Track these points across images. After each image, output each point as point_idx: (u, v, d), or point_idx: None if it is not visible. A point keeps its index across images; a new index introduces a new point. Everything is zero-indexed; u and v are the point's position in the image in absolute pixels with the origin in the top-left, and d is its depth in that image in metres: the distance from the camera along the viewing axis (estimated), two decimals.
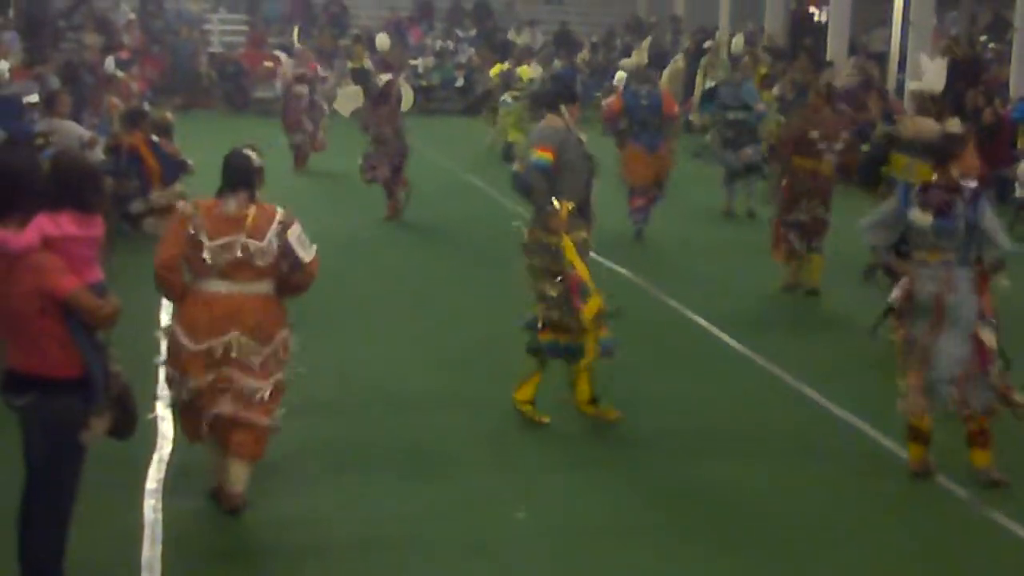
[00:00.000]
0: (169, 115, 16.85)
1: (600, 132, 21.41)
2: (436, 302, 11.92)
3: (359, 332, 10.69)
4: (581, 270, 8.20)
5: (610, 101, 16.05)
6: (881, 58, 27.31)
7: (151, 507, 6.99)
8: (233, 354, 6.68)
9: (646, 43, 19.16)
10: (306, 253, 6.74)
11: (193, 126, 22.22)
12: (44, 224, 5.51)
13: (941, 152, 7.70)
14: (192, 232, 6.64)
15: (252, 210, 6.73)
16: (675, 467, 7.91)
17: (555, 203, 8.21)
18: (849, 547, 6.86)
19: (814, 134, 12.18)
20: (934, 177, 7.68)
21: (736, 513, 7.25)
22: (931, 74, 13.16)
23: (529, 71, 23.12)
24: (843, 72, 24.23)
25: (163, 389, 8.80)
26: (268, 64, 28.25)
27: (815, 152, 12.19)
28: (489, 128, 22.85)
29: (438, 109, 29.17)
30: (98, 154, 14.05)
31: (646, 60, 18.05)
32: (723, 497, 7.47)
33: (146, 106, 17.54)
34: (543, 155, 8.29)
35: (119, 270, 8.51)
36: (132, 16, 30.77)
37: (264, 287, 6.77)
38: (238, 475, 6.83)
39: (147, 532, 6.71)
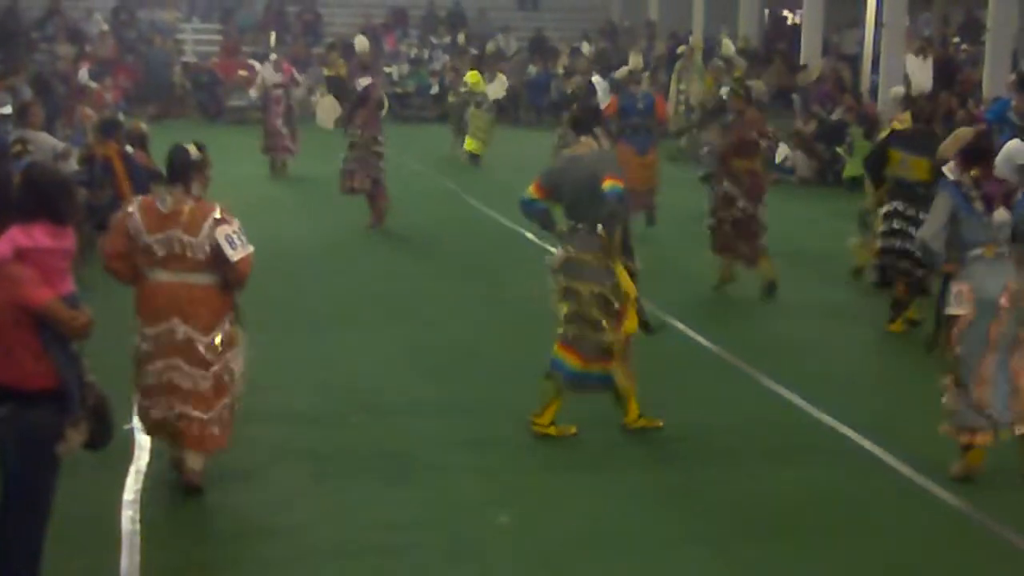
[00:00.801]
0: (143, 125, 16.78)
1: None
2: (415, 308, 11.90)
3: (338, 339, 10.66)
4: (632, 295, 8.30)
5: (608, 104, 16.22)
6: (854, 60, 27.42)
7: (128, 518, 6.94)
8: (175, 341, 7.00)
9: (640, 48, 19.44)
10: (234, 253, 6.92)
11: (167, 135, 22.07)
12: (17, 236, 5.47)
13: (983, 152, 7.93)
14: (131, 228, 6.97)
15: (188, 205, 6.97)
16: (658, 471, 7.91)
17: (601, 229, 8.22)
18: (837, 550, 6.84)
19: (752, 135, 12.29)
20: (973, 174, 7.82)
21: (720, 517, 7.24)
22: (919, 75, 13.22)
23: (477, 77, 23.21)
24: (813, 73, 24.36)
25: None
26: (242, 73, 28.27)
27: (753, 153, 12.33)
28: (453, 137, 22.89)
29: (413, 116, 29.18)
30: (72, 165, 13.99)
31: (641, 64, 18.29)
32: (707, 500, 7.46)
33: (120, 116, 17.46)
34: (619, 184, 8.26)
35: (93, 281, 8.45)
36: (105, 26, 30.69)
37: (205, 279, 7.01)
38: (193, 462, 7.20)
39: (125, 543, 6.66)
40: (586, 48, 31.18)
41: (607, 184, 8.16)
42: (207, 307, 7.06)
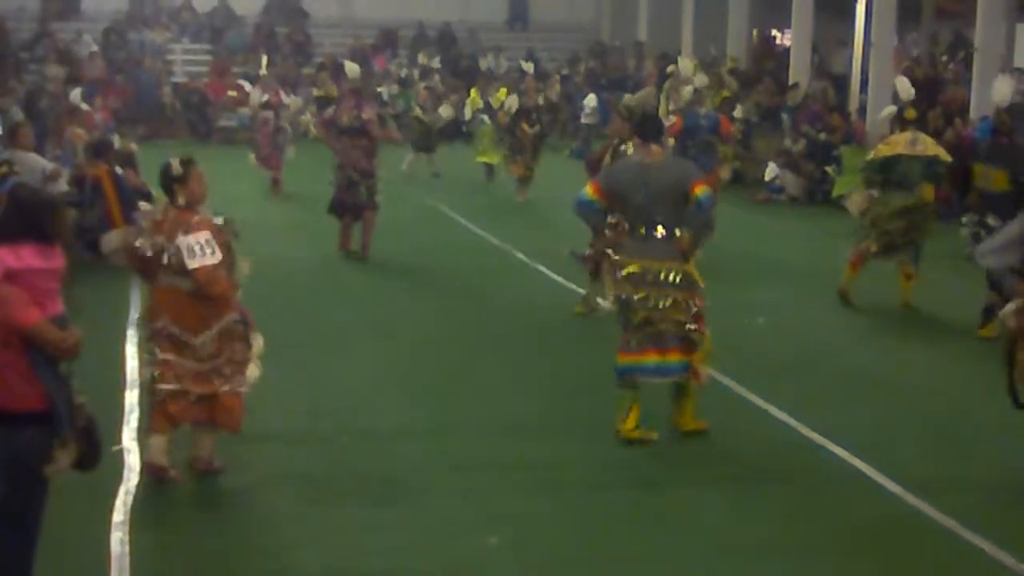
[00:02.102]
0: (133, 146, 16.81)
1: (566, 157, 21.66)
2: (405, 329, 11.89)
3: (328, 360, 10.65)
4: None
5: (671, 123, 16.22)
6: (842, 80, 27.51)
7: (118, 540, 6.92)
8: (170, 337, 7.53)
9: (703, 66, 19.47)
10: (192, 261, 7.32)
11: (157, 156, 22.10)
12: (6, 257, 5.46)
13: None
14: (139, 233, 7.60)
15: (171, 215, 7.49)
16: (647, 492, 7.89)
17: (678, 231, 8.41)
18: (827, 571, 6.84)
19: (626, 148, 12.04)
20: None
21: (709, 537, 7.23)
22: (904, 94, 13.46)
23: (476, 95, 23.48)
24: (798, 93, 24.43)
25: (128, 420, 8.82)
26: (232, 93, 28.32)
27: None
28: (408, 155, 22.94)
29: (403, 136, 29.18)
30: (62, 185, 14.01)
31: (707, 82, 18.33)
32: (696, 521, 7.45)
33: (111, 137, 17.47)
34: (708, 189, 8.47)
35: (82, 302, 8.44)
36: (95, 47, 30.71)
37: (183, 282, 7.44)
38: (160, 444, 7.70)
39: (114, 564, 6.64)
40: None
41: (699, 190, 8.32)
42: (193, 311, 7.49)
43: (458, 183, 22.20)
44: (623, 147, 11.41)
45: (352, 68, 16.88)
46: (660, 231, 8.43)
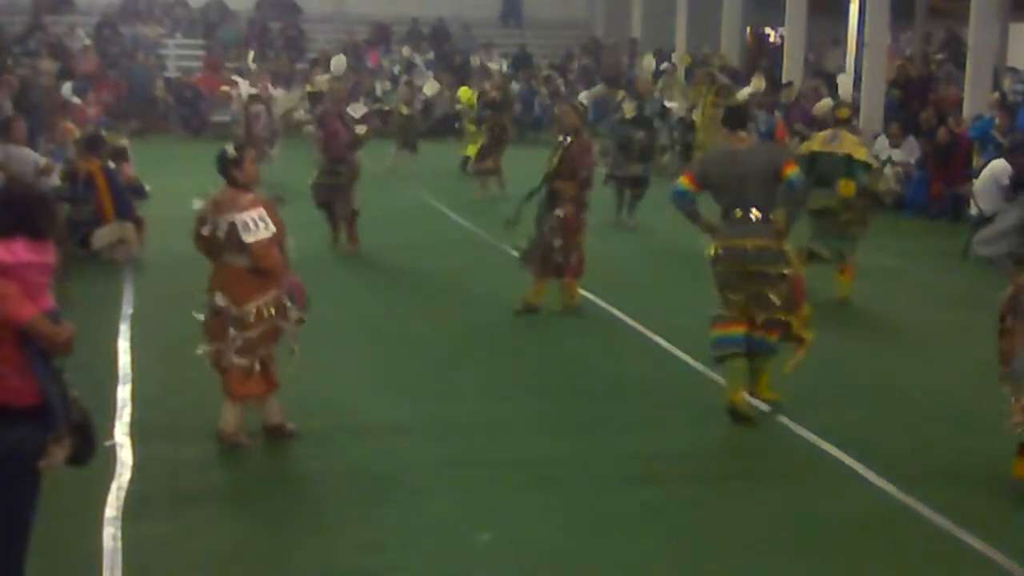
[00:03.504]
0: (125, 141, 16.80)
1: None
2: (396, 326, 11.88)
3: (319, 358, 10.59)
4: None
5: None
6: (835, 78, 27.53)
7: (110, 535, 6.91)
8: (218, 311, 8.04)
9: (762, 71, 19.60)
10: (248, 236, 7.79)
11: (149, 151, 22.18)
12: None
13: None
14: (200, 212, 8.14)
15: (227, 195, 7.99)
16: (639, 489, 7.88)
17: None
18: (816, 569, 6.84)
19: (584, 159, 11.84)
20: None
21: (700, 535, 7.23)
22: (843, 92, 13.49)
23: (468, 93, 23.56)
24: (792, 91, 24.48)
25: (121, 415, 8.81)
26: (225, 88, 28.31)
27: (575, 176, 11.82)
28: (394, 150, 22.91)
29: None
30: (54, 180, 13.99)
31: (763, 86, 18.34)
32: (687, 519, 7.45)
33: (103, 131, 17.44)
34: (797, 168, 8.92)
35: (75, 297, 8.43)
36: (88, 41, 30.66)
37: (240, 260, 7.93)
38: (271, 414, 8.41)
39: (106, 560, 6.63)
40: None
41: (789, 171, 8.74)
42: (241, 285, 7.96)
43: (449, 178, 22.18)
44: (567, 140, 11.76)
45: (338, 62, 16.80)
46: (755, 213, 8.79)
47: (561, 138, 12.01)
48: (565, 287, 12.23)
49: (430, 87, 24.02)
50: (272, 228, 7.91)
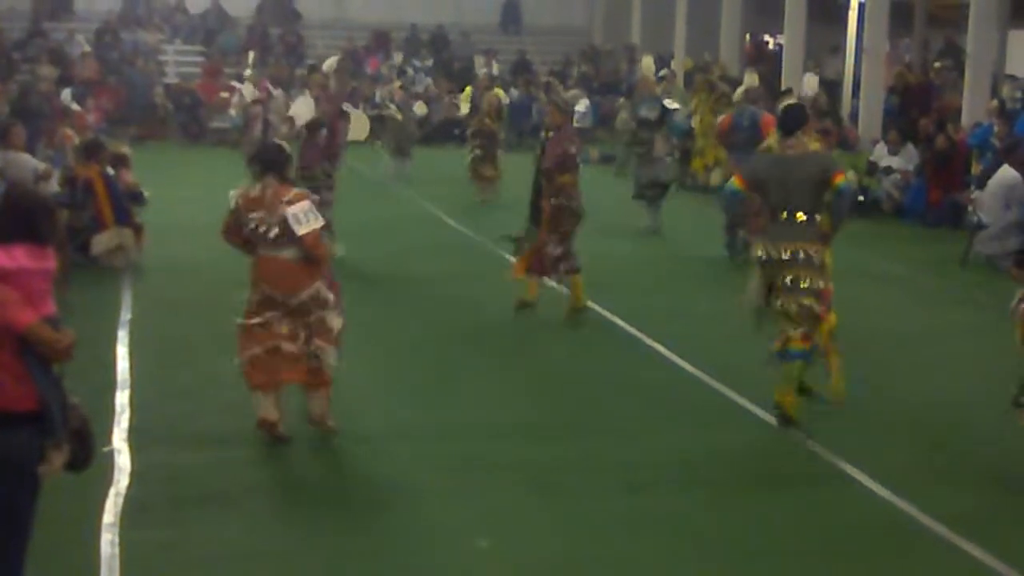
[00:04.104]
0: (126, 149, 16.79)
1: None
2: (394, 332, 11.88)
3: None
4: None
5: (722, 119, 16.58)
6: (834, 85, 27.58)
7: (108, 541, 6.90)
8: (272, 304, 8.24)
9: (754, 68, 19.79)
10: (300, 228, 8.03)
11: (149, 157, 22.16)
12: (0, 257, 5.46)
13: None
14: (237, 211, 8.26)
15: (272, 191, 8.15)
16: (639, 496, 7.87)
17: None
18: None
19: (572, 148, 12.03)
20: None
21: (701, 543, 7.22)
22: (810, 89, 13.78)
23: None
24: (791, 98, 24.49)
25: (119, 421, 8.81)
26: (224, 95, 28.35)
27: (574, 166, 12.08)
28: (388, 157, 22.88)
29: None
30: (53, 186, 14.00)
31: (757, 83, 18.48)
32: (688, 526, 7.44)
33: (102, 138, 17.45)
34: (845, 177, 9.14)
35: (74, 303, 8.44)
36: (87, 48, 30.67)
37: (287, 253, 8.15)
38: (315, 406, 8.56)
39: (104, 566, 6.63)
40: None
41: (839, 180, 8.96)
42: (291, 278, 8.18)
43: (447, 184, 22.17)
44: (546, 136, 12.13)
45: (329, 64, 16.62)
46: (800, 216, 8.95)
47: (544, 134, 12.38)
48: (572, 287, 12.29)
49: (420, 108, 23.79)
50: (321, 219, 8.23)
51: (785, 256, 8.93)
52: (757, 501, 7.81)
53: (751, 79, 18.43)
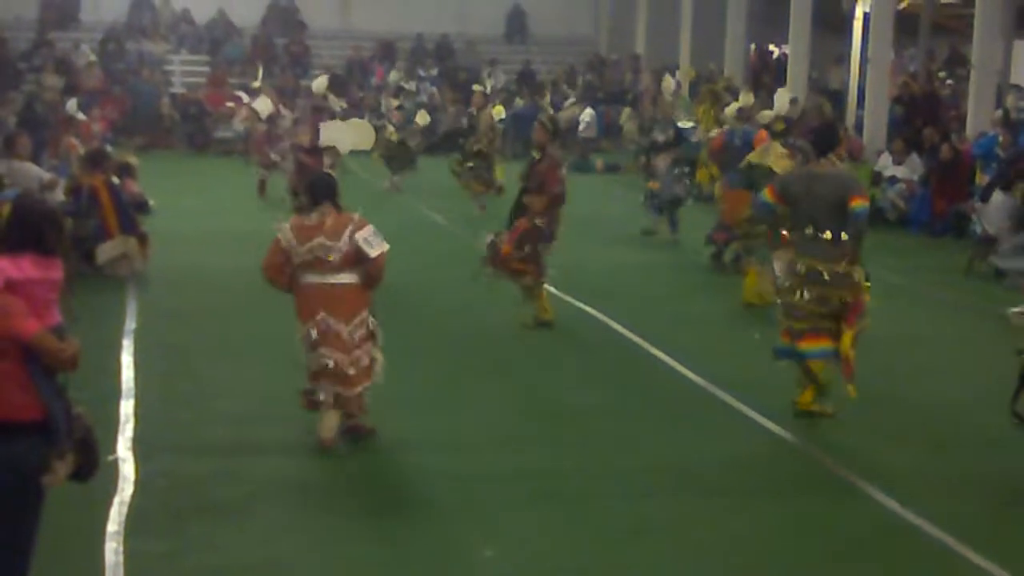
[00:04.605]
0: (133, 159, 16.82)
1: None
2: (398, 341, 11.79)
3: None
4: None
5: (715, 137, 16.72)
6: (839, 95, 27.57)
7: (112, 550, 6.91)
8: (322, 332, 8.43)
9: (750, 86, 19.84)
10: (372, 250, 8.35)
11: (154, 166, 22.19)
12: (6, 267, 5.46)
13: None
14: (284, 244, 8.44)
15: (331, 218, 8.41)
16: (642, 504, 7.88)
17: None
18: None
19: (557, 188, 11.93)
20: None
21: (704, 550, 7.22)
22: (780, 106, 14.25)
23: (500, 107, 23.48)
24: (796, 108, 24.50)
25: (124, 430, 8.81)
26: (230, 105, 28.38)
27: (561, 201, 12.03)
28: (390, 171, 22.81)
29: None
30: (58, 195, 14.02)
31: (752, 101, 18.54)
32: (691, 534, 7.44)
33: (107, 147, 17.48)
34: (866, 202, 9.38)
35: (79, 312, 8.44)
36: (92, 57, 30.72)
37: (345, 277, 8.39)
38: (330, 422, 8.62)
39: (108, 575, 6.64)
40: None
41: (855, 203, 9.18)
42: (347, 303, 8.44)
43: (451, 194, 22.16)
44: (536, 156, 12.14)
45: (319, 84, 16.53)
46: (827, 234, 9.22)
47: (534, 154, 12.29)
48: (539, 296, 12.32)
49: (422, 118, 23.59)
50: (386, 242, 8.52)
51: (806, 270, 9.25)
52: (759, 509, 7.81)
53: (746, 98, 18.48)
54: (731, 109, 17.38)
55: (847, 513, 7.80)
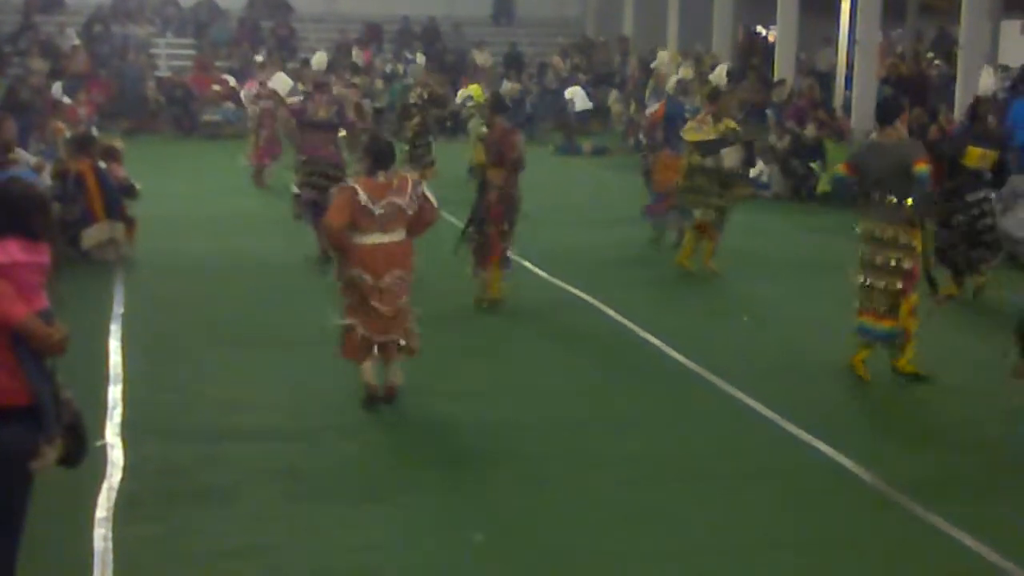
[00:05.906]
0: (119, 143, 16.72)
1: (551, 152, 21.15)
2: None
3: (311, 357, 10.58)
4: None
5: (653, 110, 16.73)
6: (827, 77, 27.52)
7: (101, 536, 6.88)
8: (395, 286, 9.04)
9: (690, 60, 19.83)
10: (434, 202, 9.20)
11: (140, 150, 22.09)
12: None
13: None
14: (360, 201, 8.88)
15: (396, 178, 9.09)
16: (632, 488, 7.87)
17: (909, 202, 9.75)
18: (811, 566, 6.84)
19: (513, 152, 12.04)
20: None
21: (694, 533, 7.22)
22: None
23: (479, 91, 23.34)
24: (784, 90, 24.48)
25: (112, 415, 8.78)
26: (216, 88, 28.25)
27: (503, 162, 12.11)
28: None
29: (387, 131, 29.10)
30: (45, 179, 13.94)
31: (691, 75, 18.60)
32: (681, 517, 7.44)
33: (93, 131, 17.38)
34: (927, 167, 9.84)
35: (65, 297, 8.40)
36: (78, 41, 30.59)
37: (402, 234, 9.08)
38: (397, 371, 9.26)
39: (97, 561, 6.60)
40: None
41: (918, 168, 9.72)
42: (407, 257, 9.17)
43: (447, 179, 22.11)
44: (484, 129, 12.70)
45: (319, 59, 16.49)
46: (891, 200, 9.77)
47: (484, 128, 12.87)
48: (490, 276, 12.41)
49: (476, 91, 23.53)
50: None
51: (878, 235, 9.86)
52: (752, 493, 7.80)
53: (685, 71, 18.68)
54: (671, 81, 17.44)
55: (838, 496, 7.80)
